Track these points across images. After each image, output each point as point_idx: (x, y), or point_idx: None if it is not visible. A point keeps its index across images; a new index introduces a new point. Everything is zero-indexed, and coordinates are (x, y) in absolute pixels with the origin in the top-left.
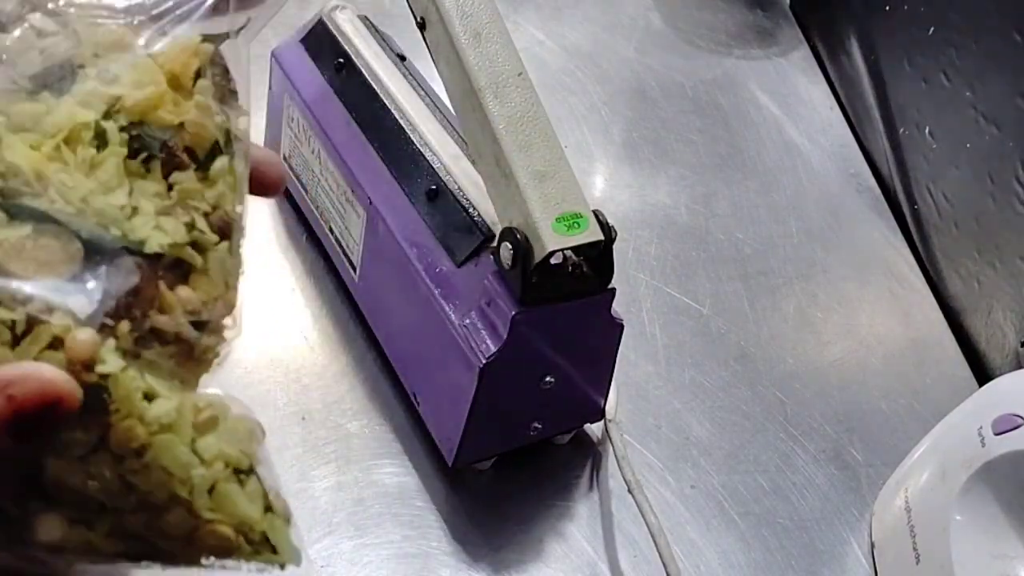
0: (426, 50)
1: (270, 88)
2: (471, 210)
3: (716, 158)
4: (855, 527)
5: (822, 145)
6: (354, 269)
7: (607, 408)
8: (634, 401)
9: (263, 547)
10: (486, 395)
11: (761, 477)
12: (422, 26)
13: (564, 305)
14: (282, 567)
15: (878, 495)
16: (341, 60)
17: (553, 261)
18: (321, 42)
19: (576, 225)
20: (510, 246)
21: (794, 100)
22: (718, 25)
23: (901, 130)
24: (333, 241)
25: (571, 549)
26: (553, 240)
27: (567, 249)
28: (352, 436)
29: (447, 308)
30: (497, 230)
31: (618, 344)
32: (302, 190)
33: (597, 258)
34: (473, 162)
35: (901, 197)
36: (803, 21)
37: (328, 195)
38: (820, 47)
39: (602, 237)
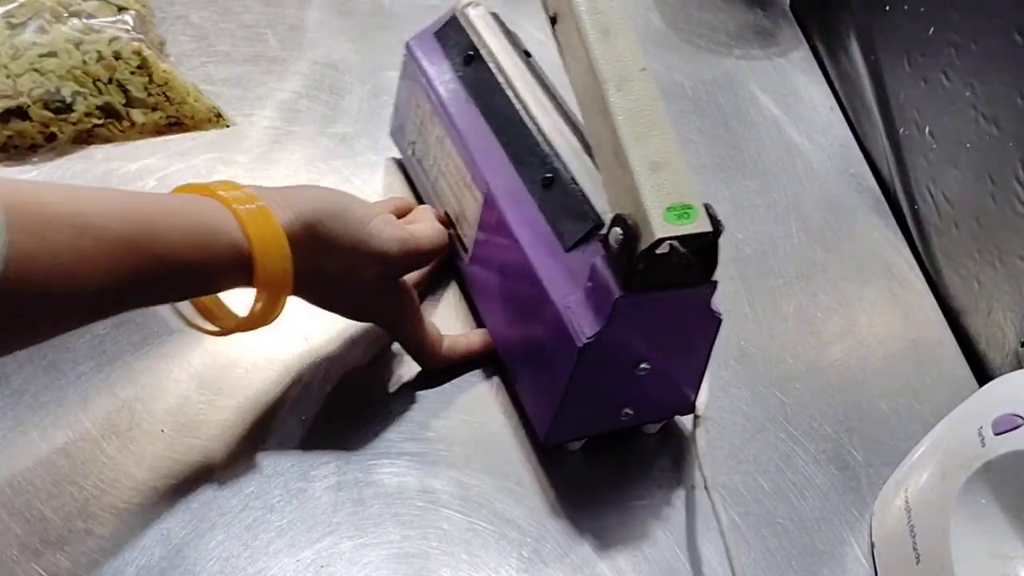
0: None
1: (401, 76)
2: (584, 199)
3: (716, 158)
4: (855, 527)
5: (822, 145)
6: (465, 251)
7: (697, 403)
8: None
9: (221, 117)
10: (584, 374)
11: (761, 477)
12: (553, 21)
13: (666, 293)
14: (228, 127)
15: (878, 495)
16: (471, 53)
17: (660, 250)
18: (453, 36)
19: (686, 216)
20: (620, 232)
21: (794, 100)
22: (718, 25)
23: (901, 130)
24: (450, 225)
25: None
26: (663, 228)
27: (675, 238)
28: (352, 436)
29: (553, 289)
30: (607, 219)
31: (714, 338)
32: (423, 175)
33: (702, 250)
34: (589, 152)
35: (901, 197)
36: (803, 21)
37: (447, 180)
38: (820, 47)
39: (710, 229)
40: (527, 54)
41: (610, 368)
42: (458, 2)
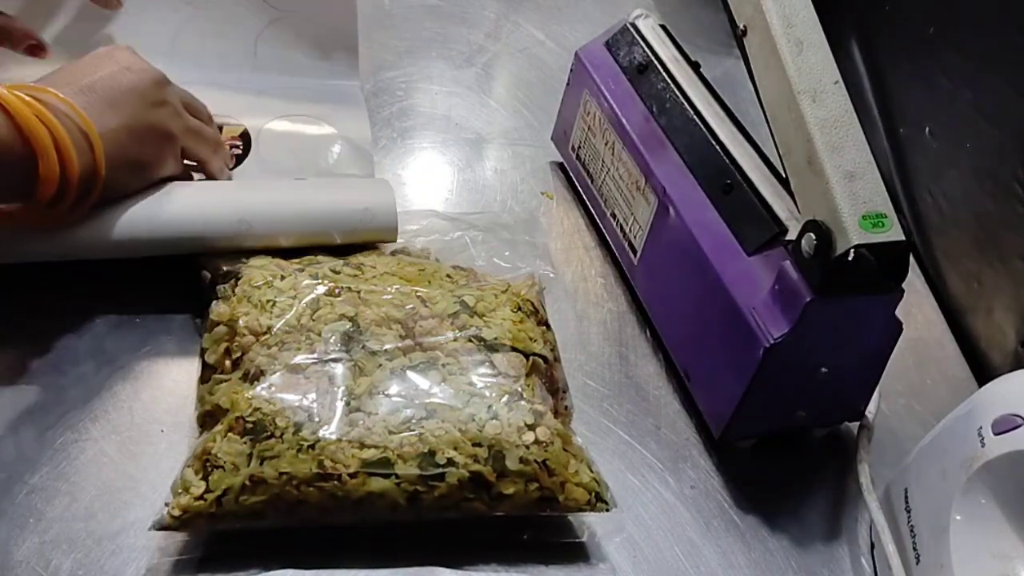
0: None
1: (568, 84)
2: (765, 205)
3: None
4: (855, 527)
5: None
6: (635, 252)
7: (867, 411)
8: (634, 401)
9: (601, 503)
10: (766, 375)
11: (761, 477)
12: (744, 33)
13: (855, 299)
14: (608, 510)
15: (878, 495)
16: (643, 63)
17: (852, 257)
18: (624, 45)
19: (880, 224)
20: (814, 237)
21: None
22: (718, 25)
23: (901, 130)
24: (615, 227)
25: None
26: (858, 235)
27: (867, 246)
28: None
29: (735, 292)
30: (792, 225)
31: (894, 347)
32: (587, 177)
33: (893, 259)
34: (765, 160)
35: (901, 197)
36: None
37: (616, 183)
38: None
39: (904, 238)
40: (697, 65)
41: (792, 370)
42: (629, 13)
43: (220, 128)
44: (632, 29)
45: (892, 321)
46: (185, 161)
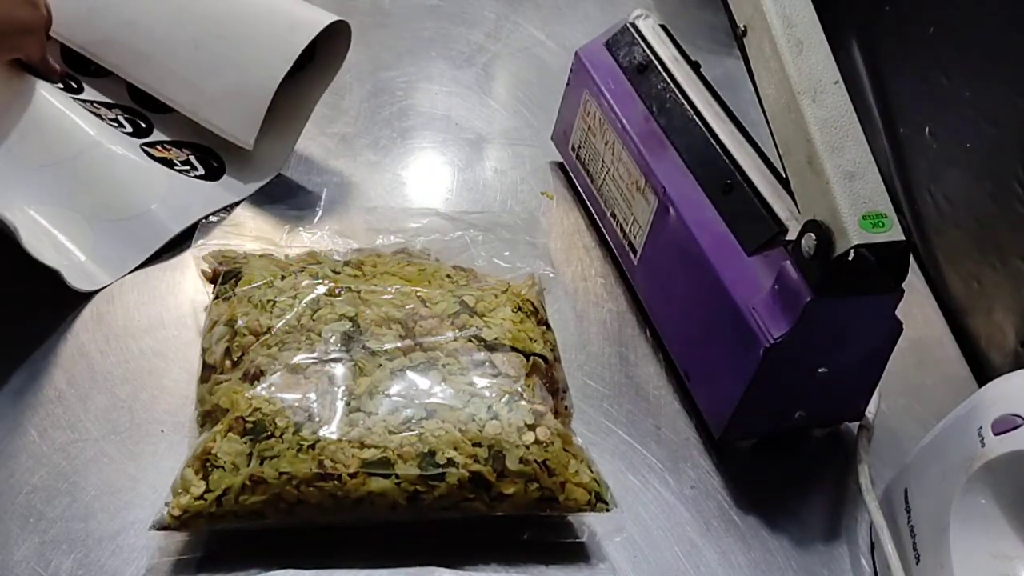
0: None
1: (568, 84)
2: (764, 205)
3: None
4: (855, 527)
5: None
6: (634, 252)
7: (867, 411)
8: (634, 401)
9: (601, 503)
10: (765, 375)
11: (760, 476)
12: (744, 33)
13: (855, 299)
14: (608, 510)
15: (878, 495)
16: (643, 63)
17: (851, 256)
18: (625, 45)
19: (880, 224)
20: (814, 237)
21: None
22: (718, 25)
23: (901, 130)
24: (615, 227)
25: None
26: (858, 235)
27: (867, 246)
28: None
29: (736, 291)
30: (791, 225)
31: (893, 347)
32: (587, 178)
33: (893, 259)
34: (764, 159)
35: (901, 197)
36: None
37: (616, 183)
38: None
39: (904, 238)
40: (697, 64)
41: (791, 370)
42: (629, 13)
43: None
44: (632, 29)
45: (892, 321)
46: None
